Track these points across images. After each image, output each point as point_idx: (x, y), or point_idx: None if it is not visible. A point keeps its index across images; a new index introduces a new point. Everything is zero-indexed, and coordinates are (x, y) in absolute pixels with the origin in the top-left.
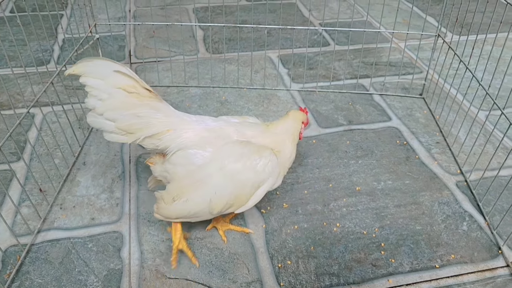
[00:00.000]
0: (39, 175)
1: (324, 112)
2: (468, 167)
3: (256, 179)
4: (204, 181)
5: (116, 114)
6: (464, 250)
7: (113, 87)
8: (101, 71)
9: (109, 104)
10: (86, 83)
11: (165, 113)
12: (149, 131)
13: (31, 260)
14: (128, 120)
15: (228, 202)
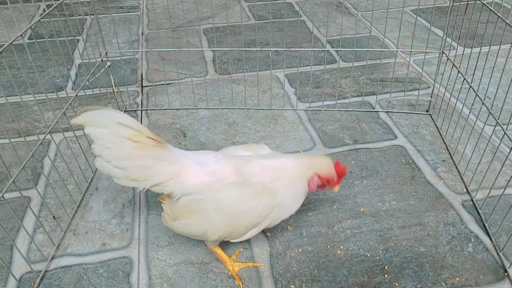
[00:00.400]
0: (54, 201)
1: (330, 131)
2: (475, 186)
3: (250, 222)
4: (200, 214)
5: (123, 163)
6: (469, 273)
7: (117, 136)
8: (104, 121)
9: (115, 153)
10: (90, 133)
11: (167, 161)
12: (153, 180)
13: (45, 286)
14: (135, 173)
15: (222, 235)
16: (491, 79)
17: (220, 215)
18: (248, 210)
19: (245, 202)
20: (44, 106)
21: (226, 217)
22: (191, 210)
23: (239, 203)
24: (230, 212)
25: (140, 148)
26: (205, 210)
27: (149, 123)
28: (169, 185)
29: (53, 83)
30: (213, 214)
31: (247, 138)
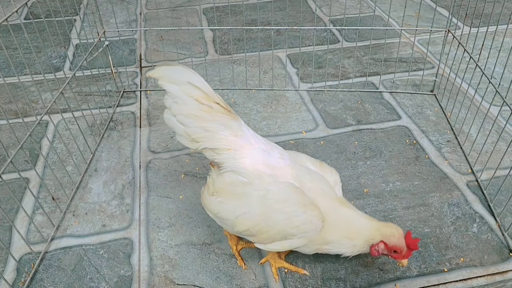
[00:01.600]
0: (53, 183)
1: (332, 112)
2: (480, 166)
3: (284, 229)
4: (241, 197)
5: (188, 121)
6: (473, 253)
7: (187, 95)
8: (177, 78)
9: (182, 109)
10: (163, 87)
11: (233, 132)
12: (211, 144)
13: (45, 267)
14: (196, 132)
15: (251, 230)
16: (497, 59)
17: (261, 205)
18: (289, 214)
19: (292, 204)
20: (41, 87)
21: (266, 210)
22: (234, 190)
23: (287, 203)
24: (272, 206)
25: (208, 112)
26: (249, 195)
27: (149, 103)
28: (223, 153)
29: (50, 63)
30: (255, 201)
31: (248, 119)
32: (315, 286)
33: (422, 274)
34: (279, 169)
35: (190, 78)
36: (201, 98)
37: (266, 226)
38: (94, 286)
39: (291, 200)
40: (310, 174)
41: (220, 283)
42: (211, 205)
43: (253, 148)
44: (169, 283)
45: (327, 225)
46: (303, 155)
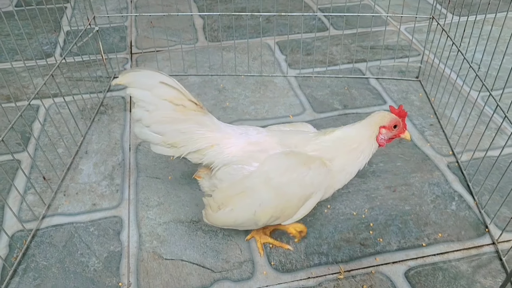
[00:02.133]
0: (44, 164)
1: (319, 97)
2: (460, 148)
3: (303, 193)
4: (248, 193)
5: (162, 128)
6: (451, 229)
7: (159, 99)
8: (147, 81)
9: (155, 116)
10: (132, 94)
11: (209, 128)
12: (193, 146)
13: (37, 244)
14: (173, 137)
15: (274, 215)
16: (484, 46)
17: (270, 188)
18: (298, 178)
19: (294, 169)
20: (33, 72)
21: (277, 190)
22: (236, 191)
23: (289, 172)
24: (280, 182)
25: (181, 112)
26: (252, 187)
27: None
28: (208, 153)
29: (41, 49)
30: (262, 188)
31: (237, 104)
32: (298, 260)
33: (401, 248)
34: (264, 142)
35: (162, 78)
36: (174, 99)
37: (286, 202)
38: (85, 261)
39: (291, 167)
40: (288, 133)
41: (207, 258)
42: (224, 219)
43: (231, 135)
44: (157, 258)
45: (329, 161)
46: (273, 126)
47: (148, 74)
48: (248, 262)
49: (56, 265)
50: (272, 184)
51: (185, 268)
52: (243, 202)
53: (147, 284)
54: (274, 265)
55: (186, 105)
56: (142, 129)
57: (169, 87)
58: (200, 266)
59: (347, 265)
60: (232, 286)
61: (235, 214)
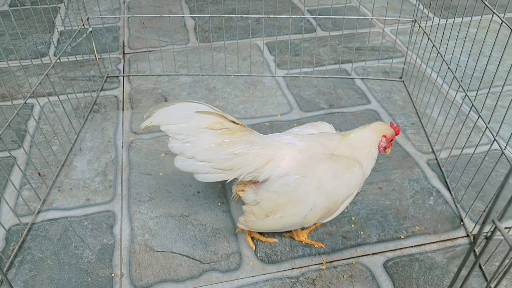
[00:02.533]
0: (39, 161)
1: (306, 96)
2: (439, 146)
3: (347, 193)
4: (301, 200)
5: (211, 154)
6: (428, 222)
7: (198, 128)
8: (179, 114)
9: (200, 145)
10: (168, 131)
11: (260, 145)
12: (250, 167)
13: (32, 237)
14: (227, 161)
15: (321, 216)
16: (455, 47)
17: (321, 193)
18: (346, 182)
19: (343, 174)
20: (27, 71)
21: (327, 194)
22: (289, 199)
23: (338, 177)
24: (331, 187)
25: (228, 134)
26: (306, 194)
27: (131, 88)
28: (265, 170)
29: (36, 49)
30: (314, 194)
31: (226, 103)
32: (283, 252)
33: (380, 241)
34: (309, 149)
35: (196, 107)
36: (214, 125)
37: (333, 204)
38: (79, 253)
39: (339, 171)
40: (324, 137)
41: (196, 250)
42: (271, 225)
43: (280, 148)
44: (148, 250)
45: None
46: (296, 128)
47: (179, 107)
48: (235, 254)
49: (51, 257)
50: (324, 190)
51: (175, 259)
52: (295, 208)
53: (138, 275)
54: (260, 257)
55: (229, 127)
56: (186, 162)
57: (206, 114)
58: (190, 258)
59: (329, 256)
60: (220, 277)
61: (285, 220)
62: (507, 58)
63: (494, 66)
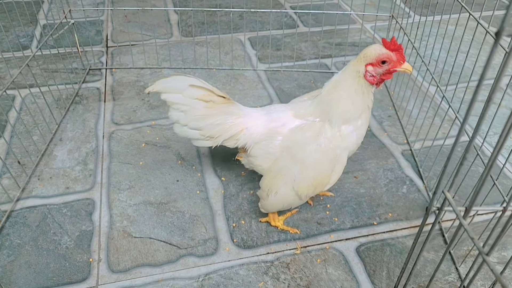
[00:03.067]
0: (19, 151)
1: (287, 89)
2: (414, 137)
3: (326, 158)
4: (282, 172)
5: (198, 124)
6: (401, 209)
7: (191, 99)
8: (178, 85)
9: (190, 115)
10: (167, 99)
11: (237, 115)
12: (226, 134)
13: (11, 224)
14: (210, 130)
15: (310, 185)
16: (435, 44)
17: (296, 162)
18: (316, 147)
19: (311, 141)
20: (9, 64)
21: (302, 162)
22: (275, 173)
23: (307, 144)
24: (303, 155)
25: (212, 108)
26: (283, 166)
27: (114, 80)
28: (241, 137)
29: (18, 41)
30: (290, 164)
31: None
32: (259, 237)
33: (354, 227)
34: (282, 118)
35: (190, 81)
36: (204, 96)
37: (315, 171)
38: (57, 239)
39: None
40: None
41: (174, 236)
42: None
43: (256, 117)
44: (127, 236)
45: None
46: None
47: (177, 79)
48: (212, 240)
49: (29, 243)
50: (297, 158)
51: (153, 245)
52: (281, 181)
53: (116, 260)
54: (236, 242)
55: (215, 100)
56: (181, 128)
57: (198, 87)
58: (167, 243)
59: (303, 241)
60: (196, 261)
61: (279, 196)
62: (484, 53)
63: (470, 61)
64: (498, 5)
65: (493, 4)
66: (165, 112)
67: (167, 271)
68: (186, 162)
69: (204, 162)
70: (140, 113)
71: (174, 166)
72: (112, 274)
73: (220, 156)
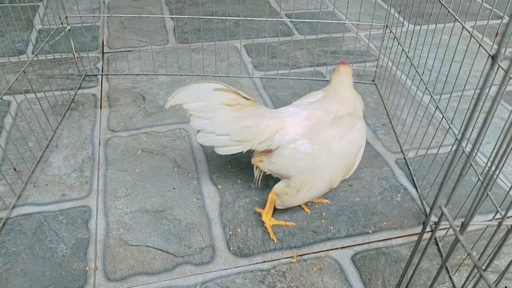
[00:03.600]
0: (14, 157)
1: (282, 97)
2: (408, 146)
3: (357, 148)
4: (320, 170)
5: (228, 128)
6: (395, 218)
7: (217, 104)
8: (199, 93)
9: (217, 120)
10: (190, 109)
11: (269, 116)
12: (261, 137)
13: (7, 231)
14: (241, 133)
15: (343, 175)
16: (429, 53)
17: (335, 156)
18: (352, 139)
19: (347, 134)
20: (4, 69)
21: (340, 156)
22: (311, 171)
23: (344, 137)
24: (341, 148)
25: (240, 110)
26: (322, 162)
27: (110, 87)
28: (276, 138)
29: (14, 47)
30: (329, 159)
31: None
32: (255, 246)
33: (349, 235)
34: (314, 116)
35: (213, 86)
36: (230, 101)
37: (348, 161)
38: (53, 247)
39: (344, 132)
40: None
41: (170, 244)
42: (303, 198)
43: (287, 118)
44: (123, 244)
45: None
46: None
47: (198, 87)
48: (208, 248)
49: (25, 251)
50: (336, 152)
51: (150, 253)
52: (319, 177)
53: (113, 268)
54: (232, 250)
55: (242, 103)
56: (206, 137)
57: (223, 91)
58: (164, 252)
59: (299, 250)
60: (193, 269)
61: (314, 190)
62: (477, 63)
63: (463, 71)
64: (492, 15)
65: (486, 14)
66: (161, 119)
67: (163, 280)
68: (182, 170)
69: (200, 170)
70: (136, 120)
71: (171, 174)
72: (109, 283)
73: (217, 164)
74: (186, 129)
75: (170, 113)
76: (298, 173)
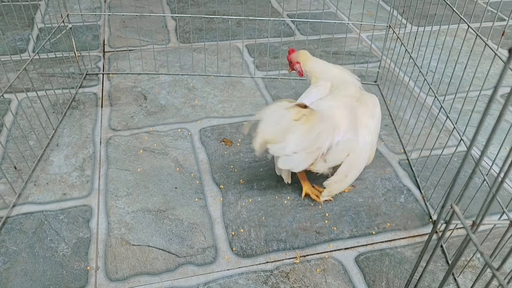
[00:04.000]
0: (15, 155)
1: (284, 97)
2: (411, 147)
3: (379, 121)
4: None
5: (303, 142)
6: (399, 219)
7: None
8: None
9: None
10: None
11: (323, 120)
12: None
13: (7, 230)
14: (315, 142)
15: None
16: (433, 55)
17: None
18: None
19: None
20: (5, 67)
21: (374, 133)
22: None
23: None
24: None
25: (308, 120)
26: (365, 142)
27: (111, 85)
28: (334, 138)
29: (15, 45)
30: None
31: (205, 102)
32: (258, 246)
33: (353, 236)
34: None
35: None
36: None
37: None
38: (54, 247)
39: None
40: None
41: (172, 244)
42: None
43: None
44: (125, 244)
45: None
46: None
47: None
48: (211, 248)
49: (25, 250)
50: (372, 131)
51: (151, 253)
52: (362, 156)
53: (114, 268)
54: (235, 251)
55: (305, 113)
56: (288, 160)
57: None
58: (166, 252)
59: (303, 251)
60: (195, 270)
61: (358, 170)
62: (481, 65)
63: (467, 72)
64: (497, 17)
65: (488, 16)
66: (162, 118)
67: (165, 280)
68: (184, 169)
69: (202, 169)
70: (138, 119)
71: (172, 173)
72: (110, 283)
73: (219, 163)
74: (188, 128)
75: (171, 113)
76: (347, 159)
